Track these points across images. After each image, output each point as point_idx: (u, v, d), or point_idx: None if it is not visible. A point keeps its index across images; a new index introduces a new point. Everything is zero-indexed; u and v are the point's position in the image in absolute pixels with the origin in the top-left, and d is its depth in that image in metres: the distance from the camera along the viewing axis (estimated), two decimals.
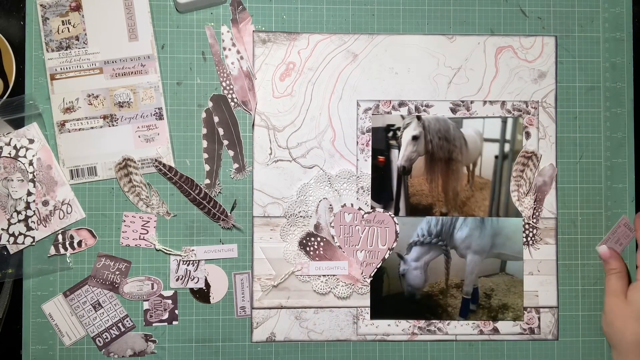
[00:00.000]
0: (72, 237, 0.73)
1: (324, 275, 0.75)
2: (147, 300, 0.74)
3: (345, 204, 0.75)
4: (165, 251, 0.74)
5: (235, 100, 0.75)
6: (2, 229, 0.72)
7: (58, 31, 0.73)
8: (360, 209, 0.75)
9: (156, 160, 0.73)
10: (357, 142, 0.75)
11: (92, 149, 0.73)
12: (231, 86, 0.75)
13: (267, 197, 0.75)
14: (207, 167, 0.74)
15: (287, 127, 0.75)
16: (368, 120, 0.75)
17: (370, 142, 0.75)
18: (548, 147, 0.76)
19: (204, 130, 0.75)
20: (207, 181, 0.74)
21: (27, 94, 0.73)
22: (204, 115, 0.75)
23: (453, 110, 0.76)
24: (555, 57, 0.77)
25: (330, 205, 0.75)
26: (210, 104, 0.75)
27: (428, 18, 0.76)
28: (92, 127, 0.73)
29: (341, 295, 0.75)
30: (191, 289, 0.74)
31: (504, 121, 0.76)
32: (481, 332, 0.75)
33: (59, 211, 0.73)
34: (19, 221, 0.72)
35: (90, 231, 0.74)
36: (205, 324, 0.74)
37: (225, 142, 0.75)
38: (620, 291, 0.74)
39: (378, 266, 0.75)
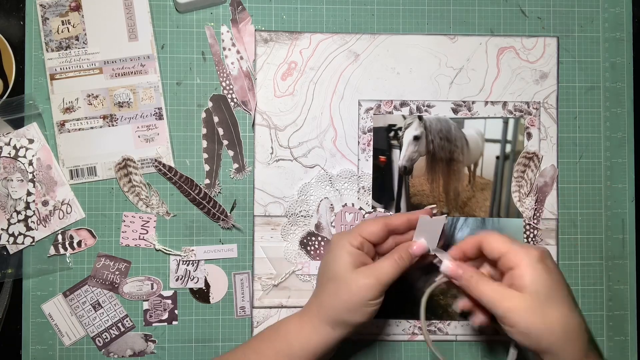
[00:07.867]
0: (71, 237, 0.73)
1: None
2: (147, 300, 0.74)
3: (346, 203, 0.75)
4: (165, 251, 0.74)
5: (235, 100, 0.75)
6: (2, 229, 0.72)
7: (58, 31, 0.73)
8: (361, 208, 0.75)
9: (156, 160, 0.73)
10: (359, 142, 0.75)
11: (92, 149, 0.73)
12: (231, 86, 0.74)
13: (268, 197, 0.74)
14: (207, 167, 0.74)
15: (289, 126, 0.75)
16: (369, 120, 0.75)
17: (371, 142, 0.75)
18: (549, 148, 0.76)
19: (204, 130, 0.74)
20: (207, 181, 0.74)
21: (27, 94, 0.73)
22: (203, 115, 0.74)
23: (454, 111, 0.76)
24: (557, 58, 0.77)
25: (331, 204, 0.75)
26: (210, 104, 0.74)
27: (428, 18, 0.76)
28: (92, 127, 0.73)
29: None
30: (191, 289, 0.74)
31: (506, 122, 0.76)
32: (482, 333, 0.75)
33: (59, 211, 0.73)
34: (19, 221, 0.72)
35: (90, 231, 0.73)
36: (205, 324, 0.74)
37: (225, 142, 0.74)
38: (506, 291, 0.59)
39: None
